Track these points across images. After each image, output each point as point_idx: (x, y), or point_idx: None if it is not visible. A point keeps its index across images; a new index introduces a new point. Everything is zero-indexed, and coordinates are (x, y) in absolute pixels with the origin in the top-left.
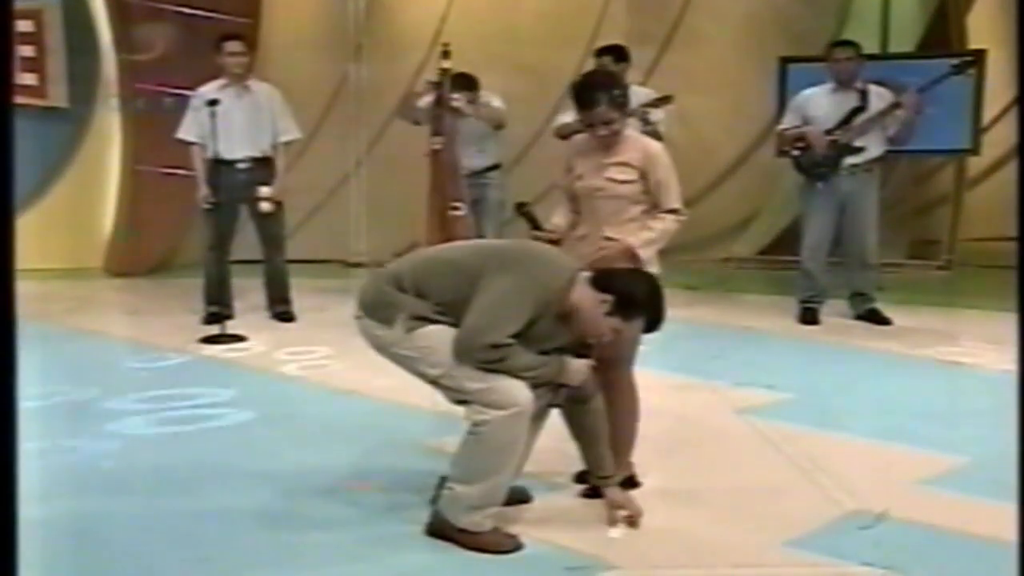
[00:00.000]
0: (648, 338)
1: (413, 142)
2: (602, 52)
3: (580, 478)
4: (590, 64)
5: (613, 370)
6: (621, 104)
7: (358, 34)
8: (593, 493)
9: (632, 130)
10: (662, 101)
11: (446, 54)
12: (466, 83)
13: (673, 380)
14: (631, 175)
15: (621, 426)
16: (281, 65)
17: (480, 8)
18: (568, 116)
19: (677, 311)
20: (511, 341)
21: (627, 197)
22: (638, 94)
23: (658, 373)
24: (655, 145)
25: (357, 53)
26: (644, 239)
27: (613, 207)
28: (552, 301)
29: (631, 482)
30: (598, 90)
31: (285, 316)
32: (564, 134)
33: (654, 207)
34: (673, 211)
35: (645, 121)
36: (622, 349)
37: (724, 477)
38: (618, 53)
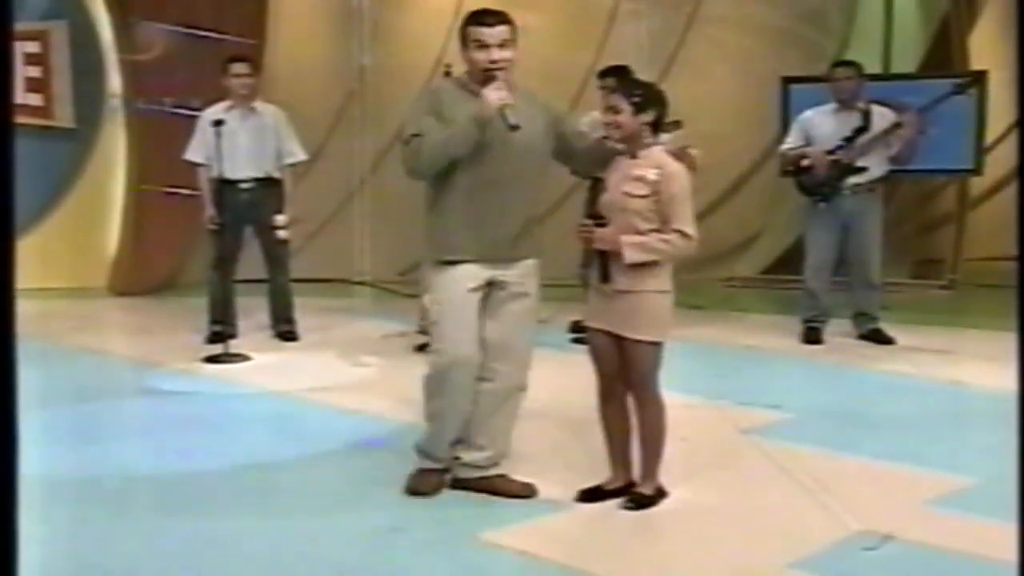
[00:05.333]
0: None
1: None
2: (605, 73)
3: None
4: (594, 91)
5: (637, 390)
6: (636, 103)
7: (362, 55)
8: (590, 497)
9: (659, 148)
10: (673, 126)
11: (448, 75)
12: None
13: (677, 399)
14: (644, 190)
15: (644, 442)
16: (286, 85)
17: None
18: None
19: (680, 330)
20: (423, 131)
21: (638, 212)
22: None
23: (664, 392)
24: (674, 165)
25: (361, 74)
26: (636, 240)
27: (625, 221)
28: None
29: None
30: (617, 75)
31: (289, 335)
32: None
33: (665, 225)
34: (681, 232)
35: None
36: (642, 368)
37: (728, 497)
38: (621, 74)
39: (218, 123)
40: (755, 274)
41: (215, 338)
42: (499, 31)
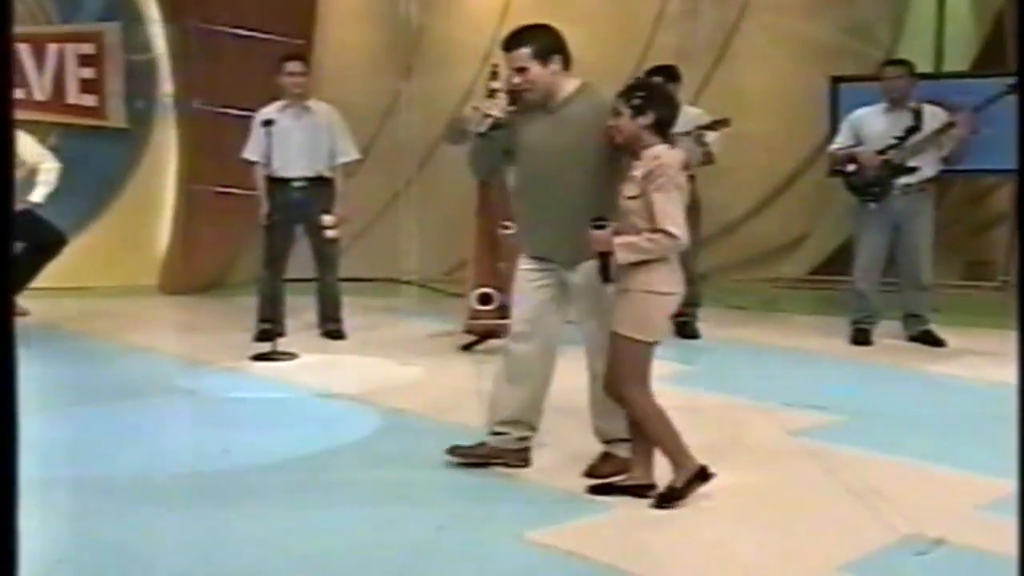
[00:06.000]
0: (699, 359)
1: (463, 162)
2: (652, 73)
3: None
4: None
5: (612, 388)
6: (635, 106)
7: (409, 54)
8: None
9: (663, 147)
10: (720, 124)
11: (495, 75)
12: (668, 75)
13: (724, 401)
14: (635, 191)
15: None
16: (333, 85)
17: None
18: None
19: (726, 331)
20: None
21: (635, 212)
22: (689, 114)
23: (709, 394)
24: (660, 161)
25: (408, 73)
26: (625, 240)
27: (627, 222)
28: None
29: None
30: (663, 75)
31: (336, 334)
32: None
33: (651, 223)
34: (664, 232)
35: (699, 142)
36: (618, 364)
37: (776, 499)
38: (668, 73)
39: (268, 123)
40: (802, 275)
41: (263, 336)
42: (514, 56)
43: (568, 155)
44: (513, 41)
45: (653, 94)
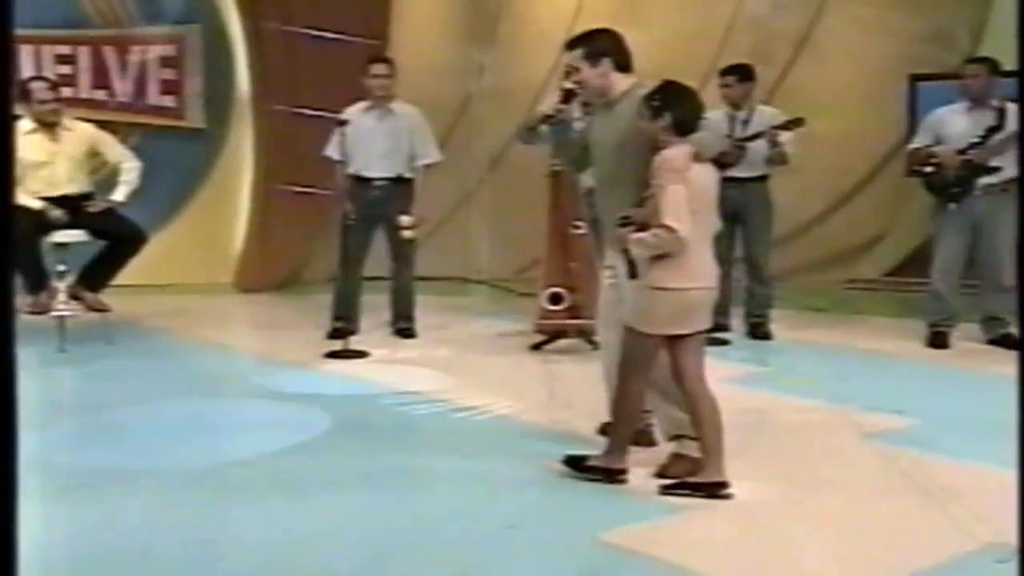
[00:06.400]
0: (772, 360)
1: (534, 161)
2: (727, 72)
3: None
4: (713, 84)
5: (620, 375)
6: (654, 108)
7: (482, 55)
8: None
9: (678, 146)
10: (794, 124)
11: (568, 75)
12: (743, 73)
13: (798, 403)
14: (651, 188)
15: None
16: (407, 84)
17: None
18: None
19: (800, 333)
20: None
21: (651, 213)
22: (764, 114)
23: (783, 395)
24: (662, 157)
25: (480, 73)
26: (637, 235)
27: (655, 220)
28: None
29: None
30: (739, 74)
31: (407, 332)
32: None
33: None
34: (664, 227)
35: (773, 143)
36: (622, 351)
37: (851, 504)
38: (743, 72)
39: (342, 123)
40: (879, 276)
41: (336, 334)
42: (569, 58)
43: (615, 152)
44: (569, 44)
45: (669, 97)
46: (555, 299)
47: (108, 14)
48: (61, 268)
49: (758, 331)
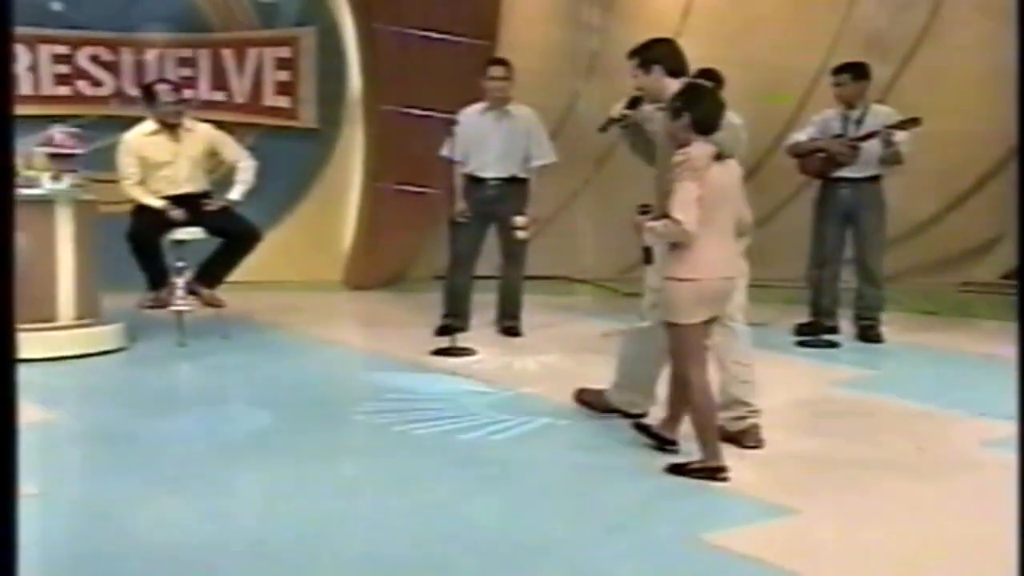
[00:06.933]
0: (883, 364)
1: (641, 161)
2: (840, 70)
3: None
4: (825, 82)
5: (674, 368)
6: (675, 109)
7: (590, 54)
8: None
9: (699, 144)
10: (910, 123)
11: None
12: (709, 78)
13: (910, 407)
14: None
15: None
16: (515, 84)
17: (713, 32)
18: (802, 134)
19: (912, 336)
20: None
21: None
22: (879, 114)
23: (894, 399)
24: (686, 155)
25: (589, 73)
26: (650, 224)
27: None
28: None
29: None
30: (853, 72)
31: (513, 331)
32: (797, 153)
33: None
34: (672, 218)
35: (888, 142)
36: (670, 349)
37: (966, 511)
38: (857, 70)
39: (452, 123)
40: (995, 279)
41: (444, 331)
42: (629, 66)
43: (663, 150)
44: (630, 53)
45: (690, 98)
46: None
47: (227, 18)
48: (180, 265)
49: (869, 334)
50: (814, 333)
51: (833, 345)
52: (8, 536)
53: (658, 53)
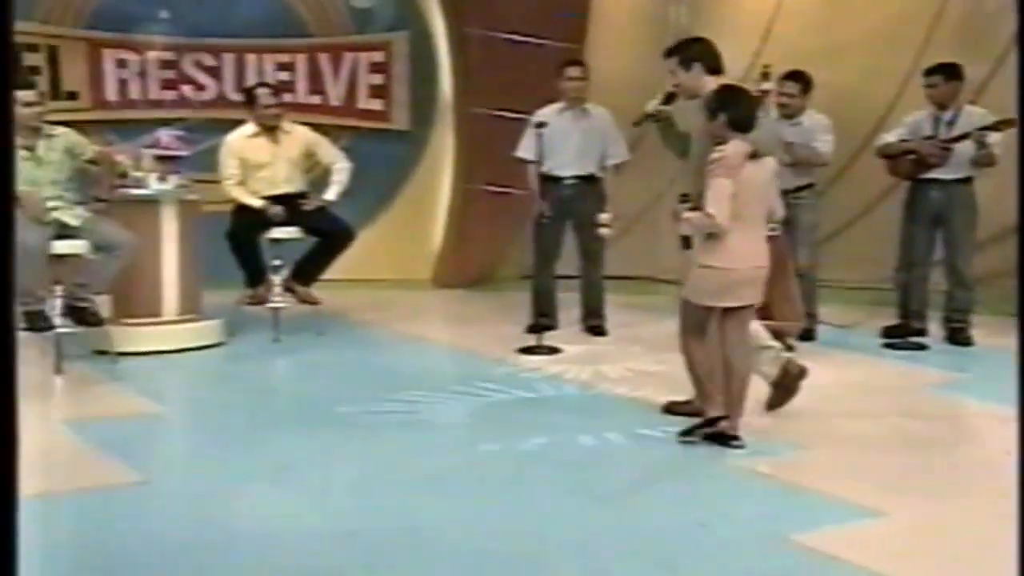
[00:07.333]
0: (972, 367)
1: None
2: (932, 71)
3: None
4: (916, 79)
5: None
6: (711, 110)
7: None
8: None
9: (735, 141)
10: (1004, 124)
11: (766, 76)
12: (798, 79)
13: (999, 411)
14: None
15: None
16: (602, 87)
17: (801, 32)
18: (893, 135)
19: (1004, 339)
20: None
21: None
22: (972, 114)
23: (983, 403)
24: (723, 153)
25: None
26: (687, 214)
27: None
28: None
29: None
30: (945, 73)
31: (598, 330)
32: (887, 154)
33: None
34: (705, 212)
35: (981, 144)
36: (681, 318)
37: None
38: (950, 71)
39: (541, 124)
40: None
41: (535, 328)
42: (667, 64)
43: (699, 144)
44: (667, 52)
45: (725, 99)
46: None
47: (324, 23)
48: (277, 263)
49: (958, 336)
50: (902, 335)
51: (922, 347)
52: (8, 536)
53: (698, 51)
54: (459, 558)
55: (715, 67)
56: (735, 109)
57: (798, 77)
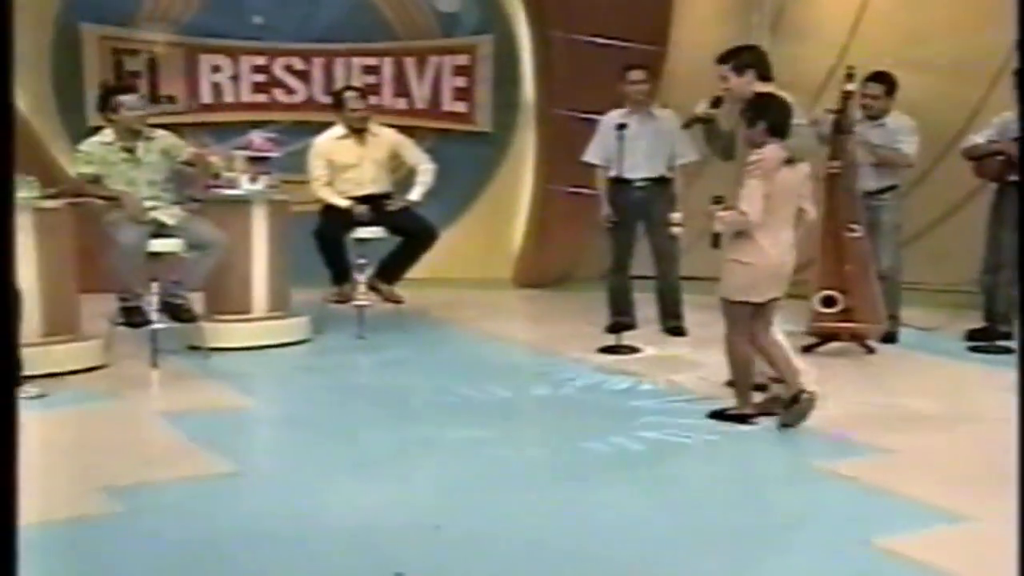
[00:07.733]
0: None
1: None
2: (1020, 73)
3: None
4: (1006, 84)
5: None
6: (749, 117)
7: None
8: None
9: (772, 146)
10: None
11: (850, 77)
12: (882, 80)
13: None
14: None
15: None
16: (686, 87)
17: (887, 33)
18: (980, 136)
19: None
20: None
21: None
22: None
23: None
24: (760, 156)
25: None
26: (720, 213)
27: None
28: None
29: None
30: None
31: (677, 330)
32: (974, 156)
33: None
34: (739, 210)
35: None
36: (724, 316)
37: None
38: None
39: (621, 127)
40: None
41: (614, 328)
42: (720, 69)
43: (746, 149)
44: (720, 58)
45: (762, 107)
46: (828, 302)
47: (409, 27)
48: (362, 261)
49: None
50: (988, 339)
51: (1008, 351)
52: (8, 535)
53: (751, 58)
54: (533, 553)
55: (766, 74)
56: (773, 116)
57: (882, 78)
